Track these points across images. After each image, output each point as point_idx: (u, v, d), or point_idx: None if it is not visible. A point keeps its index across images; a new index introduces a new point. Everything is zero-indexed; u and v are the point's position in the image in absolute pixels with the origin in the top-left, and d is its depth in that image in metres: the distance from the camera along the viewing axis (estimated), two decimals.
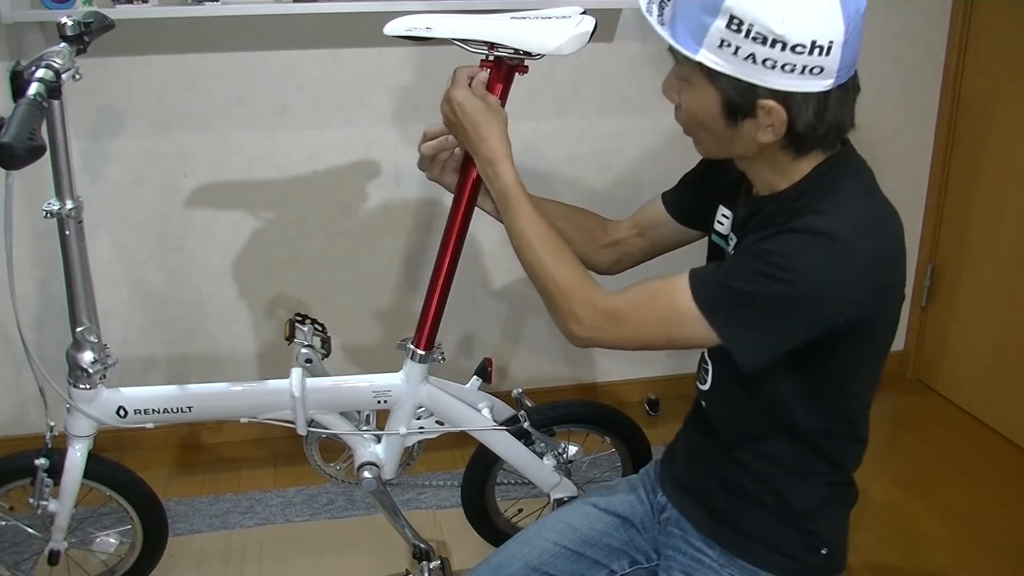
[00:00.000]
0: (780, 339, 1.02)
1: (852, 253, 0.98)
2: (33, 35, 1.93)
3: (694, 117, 1.07)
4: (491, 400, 1.64)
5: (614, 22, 2.18)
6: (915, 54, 2.41)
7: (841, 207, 1.02)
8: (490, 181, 1.21)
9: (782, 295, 0.99)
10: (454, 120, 1.24)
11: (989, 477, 2.24)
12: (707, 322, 1.02)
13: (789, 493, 1.17)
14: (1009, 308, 2.34)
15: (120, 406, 1.51)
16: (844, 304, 1.00)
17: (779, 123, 1.00)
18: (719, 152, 1.11)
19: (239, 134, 2.10)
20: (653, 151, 2.31)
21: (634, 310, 1.08)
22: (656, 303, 1.07)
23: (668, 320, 1.05)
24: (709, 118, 1.05)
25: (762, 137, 1.03)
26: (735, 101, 1.01)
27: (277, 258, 2.22)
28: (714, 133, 1.06)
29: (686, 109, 1.07)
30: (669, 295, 1.05)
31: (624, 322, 1.08)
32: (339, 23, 2.05)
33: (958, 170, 2.47)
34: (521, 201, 1.17)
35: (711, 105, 1.03)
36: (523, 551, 1.29)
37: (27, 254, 2.08)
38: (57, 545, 1.61)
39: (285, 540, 1.98)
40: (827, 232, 0.98)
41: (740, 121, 1.03)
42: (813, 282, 0.98)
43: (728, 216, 1.21)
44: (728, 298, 1.02)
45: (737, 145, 1.06)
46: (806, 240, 0.99)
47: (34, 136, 1.11)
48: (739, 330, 1.02)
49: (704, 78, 1.02)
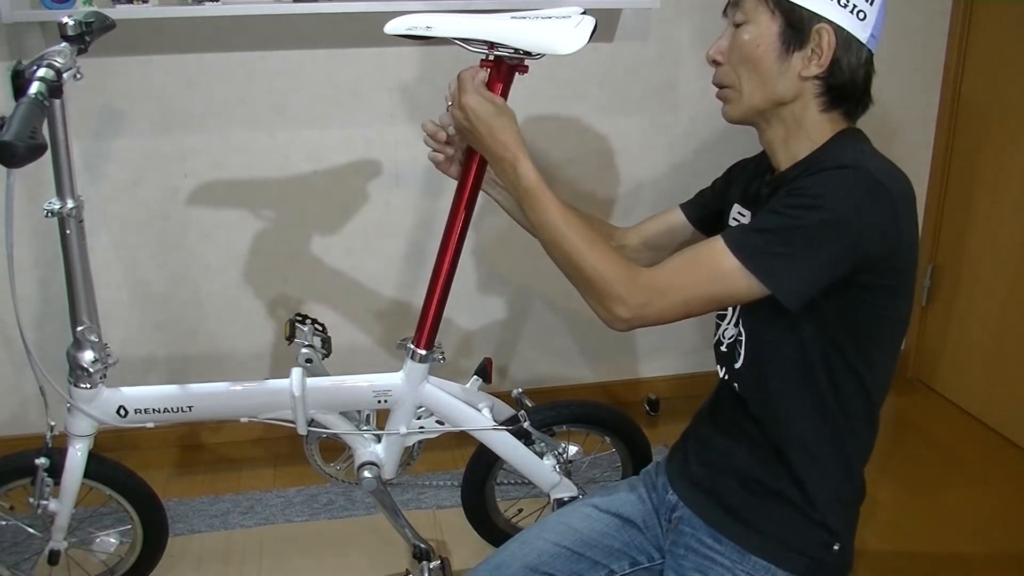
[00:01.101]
0: (820, 268, 1.05)
1: (878, 183, 1.04)
2: (33, 35, 1.93)
3: (746, 54, 1.12)
4: (491, 400, 1.64)
5: (614, 22, 2.19)
6: (915, 54, 2.41)
7: (864, 155, 1.10)
8: (511, 182, 1.21)
9: (817, 221, 1.03)
10: (468, 126, 1.24)
11: (989, 477, 2.24)
12: (748, 270, 1.05)
13: (811, 482, 1.18)
14: (1009, 308, 2.34)
15: (120, 405, 1.51)
16: (871, 229, 1.04)
17: (827, 49, 1.09)
18: (759, 99, 1.14)
19: (239, 134, 2.10)
20: (653, 151, 2.31)
21: (676, 278, 1.10)
22: (697, 266, 1.09)
23: (711, 280, 1.07)
24: (764, 50, 1.11)
25: (806, 70, 1.10)
26: (795, 25, 1.09)
27: (277, 258, 2.22)
28: (762, 71, 1.12)
29: (739, 48, 1.13)
30: (708, 256, 1.08)
31: (669, 291, 1.09)
32: (339, 23, 2.05)
33: (958, 170, 2.48)
34: (548, 196, 1.18)
35: (769, 33, 1.10)
36: (523, 552, 1.29)
37: (28, 253, 2.08)
38: (57, 545, 1.61)
39: (285, 540, 1.98)
40: (853, 165, 1.05)
41: (791, 52, 1.10)
42: (845, 204, 1.03)
43: (745, 214, 1.25)
44: (765, 240, 1.05)
45: (780, 83, 1.12)
46: (835, 173, 1.05)
47: (35, 135, 1.11)
48: (778, 267, 1.05)
49: (768, 10, 1.10)
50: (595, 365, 2.49)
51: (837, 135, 1.14)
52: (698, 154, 2.33)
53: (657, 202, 2.35)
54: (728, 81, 1.16)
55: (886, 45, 1.04)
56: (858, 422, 1.19)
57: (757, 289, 1.05)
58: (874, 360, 1.15)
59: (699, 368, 2.56)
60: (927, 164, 2.53)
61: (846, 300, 1.08)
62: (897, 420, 2.49)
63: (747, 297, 1.07)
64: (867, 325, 1.11)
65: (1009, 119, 2.28)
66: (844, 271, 1.05)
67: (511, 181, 1.21)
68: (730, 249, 1.06)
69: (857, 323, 1.10)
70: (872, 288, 1.08)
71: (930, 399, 2.60)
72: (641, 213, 2.34)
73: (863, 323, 1.11)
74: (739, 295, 1.07)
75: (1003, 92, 2.30)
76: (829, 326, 1.10)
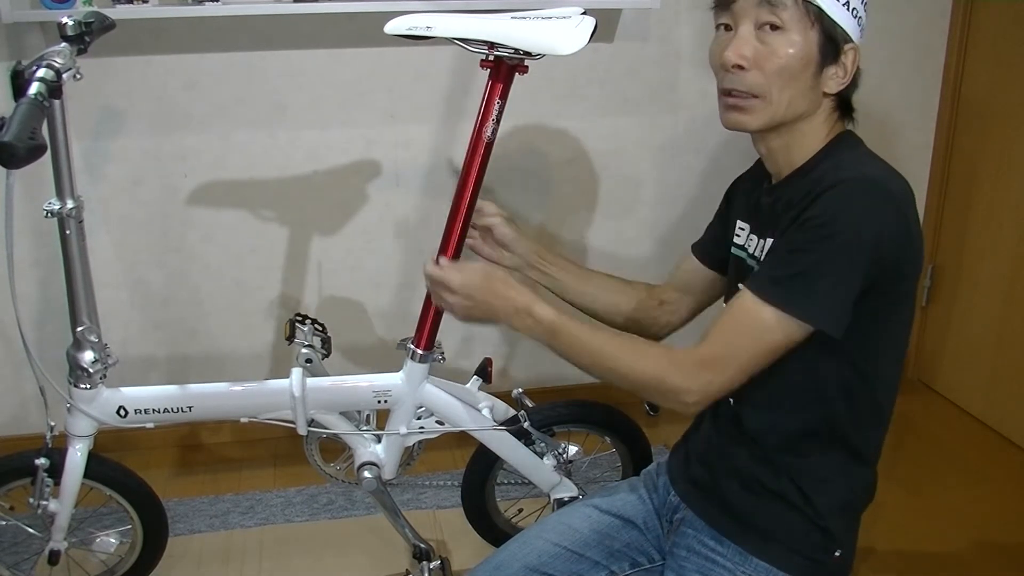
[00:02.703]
0: (850, 288, 1.05)
1: (881, 189, 1.04)
2: (33, 35, 1.93)
3: (786, 65, 1.08)
4: (491, 400, 1.64)
5: (614, 22, 2.19)
6: (915, 54, 2.41)
7: (862, 162, 1.10)
8: (532, 329, 1.19)
9: (836, 247, 1.03)
10: (471, 303, 1.23)
11: (989, 477, 2.24)
12: (787, 315, 1.04)
13: (814, 492, 1.17)
14: (1009, 308, 2.34)
15: (120, 406, 1.51)
16: (885, 236, 1.03)
17: (851, 68, 1.10)
18: (785, 112, 1.11)
19: (239, 134, 2.10)
20: (653, 151, 2.31)
21: (725, 347, 1.08)
22: (740, 329, 1.08)
23: (759, 338, 1.06)
24: (803, 64, 1.08)
25: (830, 86, 1.11)
26: (835, 41, 1.08)
27: (277, 258, 2.22)
28: (799, 83, 1.09)
29: (778, 57, 1.07)
30: (746, 315, 1.07)
31: (724, 361, 1.08)
32: (339, 23, 2.05)
33: (958, 170, 2.48)
34: (571, 324, 1.16)
35: (810, 49, 1.08)
36: (523, 552, 1.29)
37: (28, 253, 2.08)
38: (57, 545, 1.61)
39: (285, 540, 1.98)
40: (854, 177, 1.05)
41: (824, 68, 1.09)
42: (856, 220, 1.03)
43: (745, 227, 1.24)
44: (796, 283, 1.04)
45: (809, 98, 1.11)
46: (837, 192, 1.04)
47: (35, 135, 1.11)
48: (817, 304, 1.04)
49: (809, 22, 1.07)
50: None
51: (833, 140, 1.14)
52: (698, 154, 2.33)
53: (657, 202, 2.35)
54: (759, 90, 1.09)
55: (886, 45, 1.04)
56: (864, 425, 1.18)
57: (802, 331, 1.05)
58: (879, 363, 1.15)
59: None
60: (927, 164, 2.53)
61: (858, 311, 1.07)
62: (897, 420, 2.46)
63: (795, 342, 1.06)
64: (872, 330, 1.11)
65: (1009, 119, 2.28)
66: (867, 282, 1.05)
67: (532, 329, 1.19)
68: (764, 301, 1.05)
69: (862, 328, 1.10)
70: (881, 293, 1.08)
71: (930, 399, 2.60)
72: (641, 213, 2.34)
73: (868, 328, 1.10)
74: (788, 343, 1.06)
75: (1003, 92, 2.29)
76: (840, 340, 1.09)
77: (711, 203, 1.41)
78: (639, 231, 2.38)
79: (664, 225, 2.37)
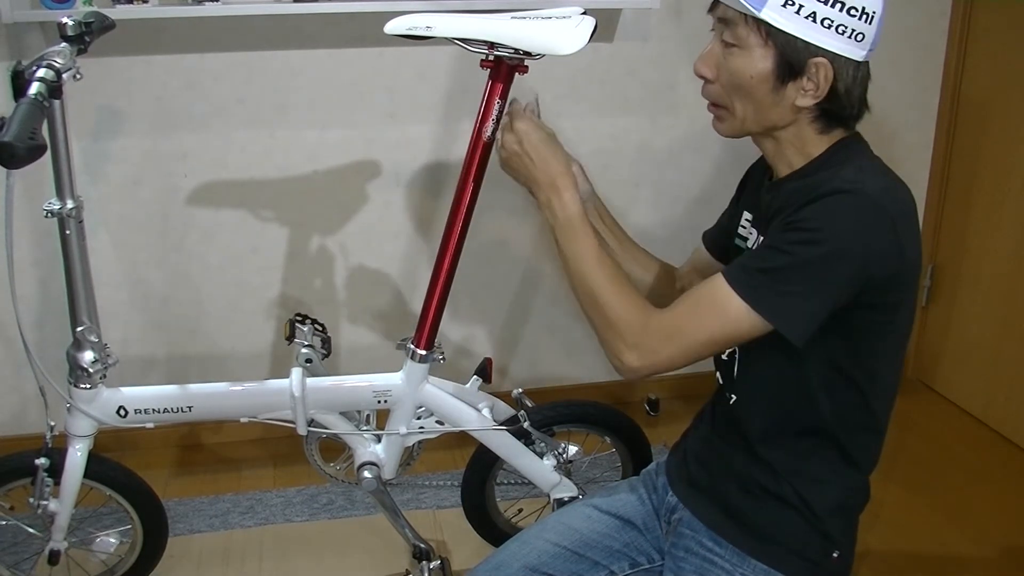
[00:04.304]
0: (824, 301, 1.04)
1: (877, 206, 1.02)
2: (33, 35, 1.93)
3: (739, 83, 1.08)
4: (491, 400, 1.64)
5: (614, 22, 2.19)
6: (915, 54, 2.41)
7: (862, 171, 1.06)
8: (552, 210, 1.19)
9: (819, 256, 1.01)
10: (518, 149, 1.23)
11: (989, 477, 2.24)
12: (754, 310, 1.04)
13: (809, 493, 1.17)
14: (1009, 308, 2.34)
15: (120, 406, 1.51)
16: (875, 255, 1.02)
17: (824, 83, 1.05)
18: (751, 124, 1.12)
19: (239, 134, 2.10)
20: (653, 151, 2.31)
21: (683, 321, 1.09)
22: (703, 309, 1.08)
23: (718, 322, 1.06)
24: (757, 81, 1.07)
25: (801, 100, 1.07)
26: (790, 59, 1.05)
27: (277, 258, 2.22)
28: (755, 99, 1.09)
29: (730, 74, 1.09)
30: (713, 298, 1.07)
31: (678, 335, 1.08)
32: (339, 23, 2.05)
33: (958, 170, 2.48)
34: (587, 230, 1.16)
35: (763, 66, 1.06)
36: (523, 552, 1.29)
37: (27, 253, 2.08)
38: (57, 545, 1.61)
39: (285, 540, 1.98)
40: (851, 189, 1.02)
41: (786, 83, 1.06)
42: (844, 235, 1.01)
43: (750, 218, 1.24)
44: (770, 280, 1.04)
45: (774, 112, 1.09)
46: (831, 201, 1.02)
47: (35, 135, 1.11)
48: (785, 307, 1.04)
49: (761, 38, 1.05)
50: (595, 365, 2.49)
51: (835, 145, 1.12)
52: (698, 155, 2.33)
53: (656, 202, 2.35)
54: (721, 102, 1.13)
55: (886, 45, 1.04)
56: (859, 433, 1.18)
57: (764, 328, 1.05)
58: (875, 372, 1.14)
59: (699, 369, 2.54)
60: (927, 164, 2.53)
61: (847, 320, 1.07)
62: (897, 420, 2.46)
63: (755, 335, 1.06)
64: (867, 340, 1.10)
65: (1009, 119, 2.28)
66: (849, 298, 1.04)
67: (552, 209, 1.19)
68: (735, 290, 1.05)
69: (857, 339, 1.09)
70: (874, 306, 1.07)
71: (930, 399, 2.60)
72: (640, 213, 2.34)
73: (863, 339, 1.10)
74: (746, 334, 1.06)
75: (1003, 92, 2.29)
76: (828, 344, 1.09)
77: (711, 203, 1.41)
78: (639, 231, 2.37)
79: (664, 225, 2.37)
